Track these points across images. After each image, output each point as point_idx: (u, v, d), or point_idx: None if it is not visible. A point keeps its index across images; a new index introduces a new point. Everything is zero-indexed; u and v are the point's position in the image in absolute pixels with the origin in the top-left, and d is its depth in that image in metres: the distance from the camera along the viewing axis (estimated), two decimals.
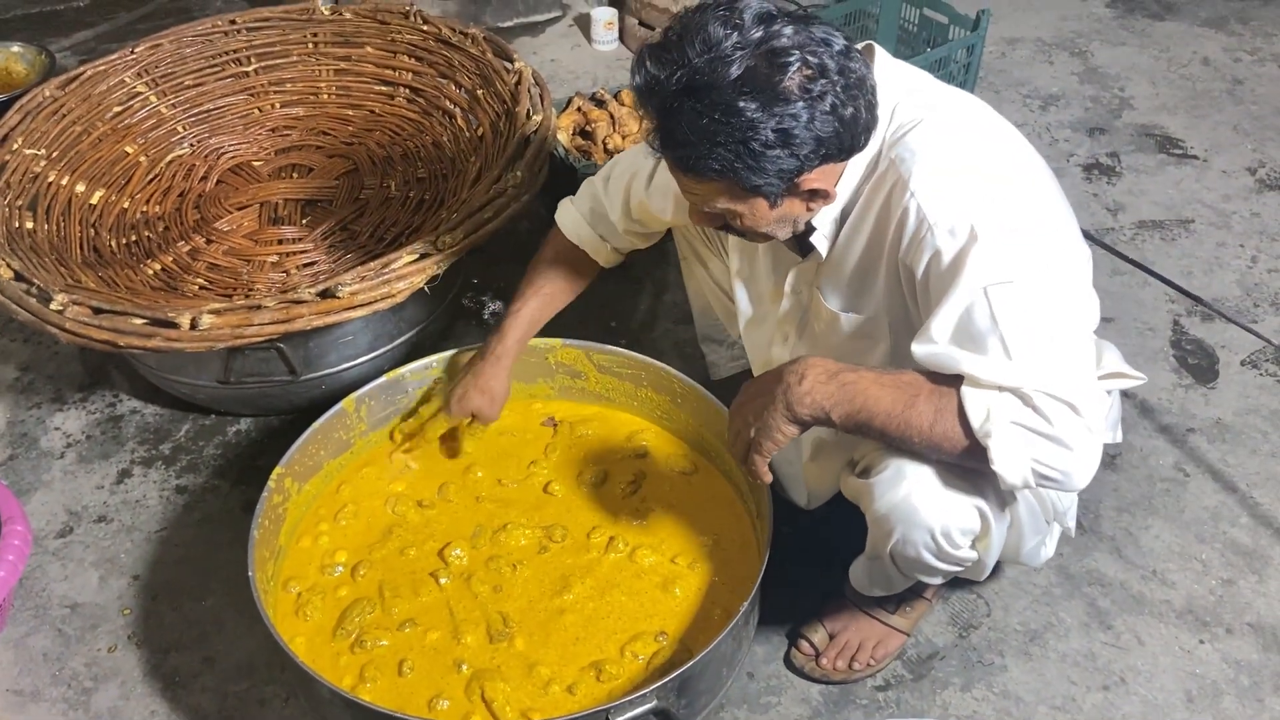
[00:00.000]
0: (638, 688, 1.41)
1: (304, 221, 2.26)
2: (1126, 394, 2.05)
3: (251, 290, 2.08)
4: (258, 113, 2.55)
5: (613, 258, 1.73)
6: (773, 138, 1.16)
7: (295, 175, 2.39)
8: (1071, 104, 2.91)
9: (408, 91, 2.52)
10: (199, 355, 1.82)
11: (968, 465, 1.24)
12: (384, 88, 2.54)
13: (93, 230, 2.23)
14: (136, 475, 2.01)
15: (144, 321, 1.79)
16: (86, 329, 1.78)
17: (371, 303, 1.80)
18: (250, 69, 2.56)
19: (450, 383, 1.77)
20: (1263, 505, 1.88)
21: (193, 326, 1.77)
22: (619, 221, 1.67)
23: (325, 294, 1.79)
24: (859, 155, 1.27)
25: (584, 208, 1.70)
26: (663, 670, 1.50)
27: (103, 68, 2.42)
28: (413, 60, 2.52)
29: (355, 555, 1.69)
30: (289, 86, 2.57)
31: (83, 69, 2.41)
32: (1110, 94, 2.94)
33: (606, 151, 2.41)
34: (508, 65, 2.32)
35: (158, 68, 2.48)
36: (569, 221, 1.70)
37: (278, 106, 2.56)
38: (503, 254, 2.39)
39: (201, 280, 2.12)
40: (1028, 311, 1.19)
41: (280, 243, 2.19)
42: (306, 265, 2.15)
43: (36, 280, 1.86)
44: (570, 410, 1.89)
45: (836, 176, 1.28)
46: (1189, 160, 2.70)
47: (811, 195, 1.27)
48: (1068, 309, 1.24)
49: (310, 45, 2.58)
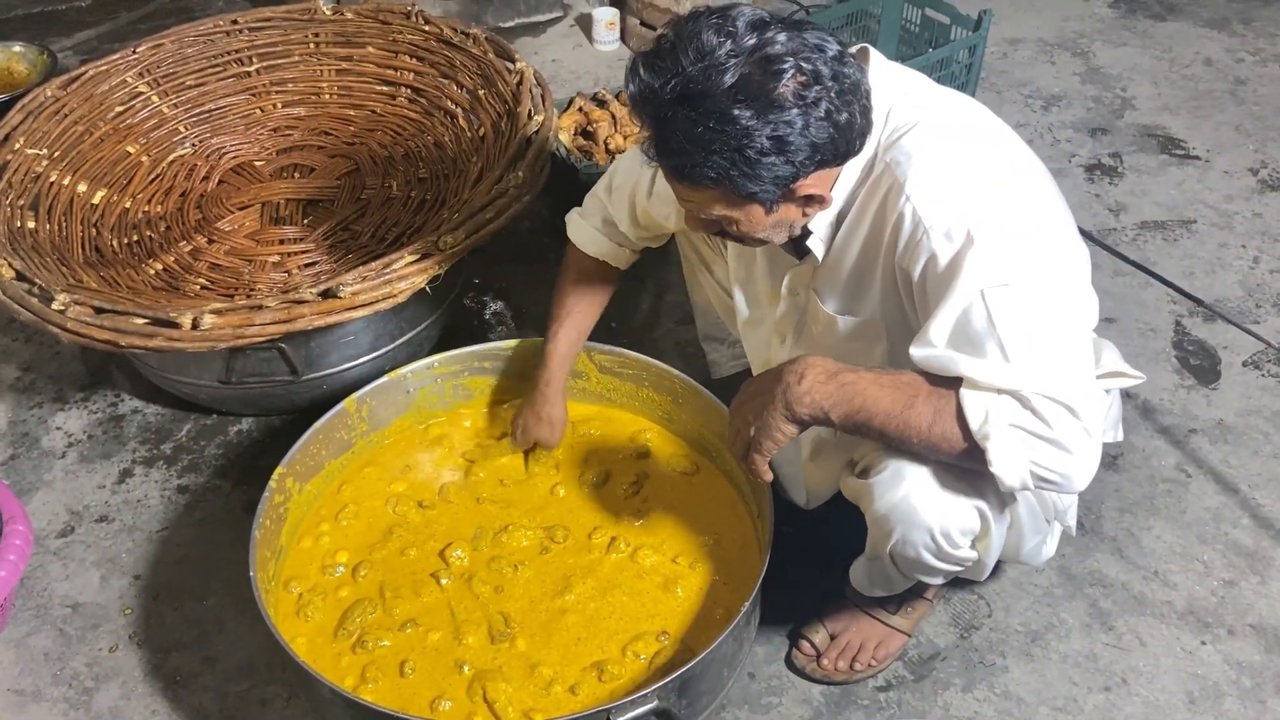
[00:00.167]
0: (639, 688, 1.41)
1: (305, 221, 2.26)
2: (1128, 394, 2.05)
3: (253, 290, 2.08)
4: (259, 113, 2.55)
5: (632, 258, 1.75)
6: (768, 145, 1.16)
7: (297, 175, 2.39)
8: (1073, 104, 2.91)
9: (409, 91, 2.52)
10: (200, 355, 1.83)
11: (966, 466, 1.24)
12: (386, 88, 2.54)
13: (94, 230, 2.22)
14: (138, 475, 2.01)
15: (145, 321, 1.79)
16: (88, 329, 1.78)
17: (373, 303, 1.80)
18: (252, 69, 2.56)
19: (515, 413, 1.82)
20: (1264, 506, 1.88)
21: (194, 326, 1.77)
22: (630, 231, 1.68)
23: (327, 294, 1.79)
24: (854, 159, 1.26)
25: (595, 220, 1.71)
26: (664, 670, 1.50)
27: (104, 68, 2.42)
28: (414, 60, 2.52)
29: (356, 556, 1.69)
30: (291, 86, 2.57)
31: (84, 69, 2.41)
32: (1112, 94, 2.94)
33: (608, 151, 2.41)
34: (509, 65, 2.32)
35: (159, 67, 2.48)
36: (584, 237, 1.71)
37: (279, 106, 2.56)
38: (504, 254, 2.39)
39: (203, 280, 2.12)
40: (1025, 314, 1.19)
41: (282, 243, 2.19)
42: (308, 265, 2.15)
43: (38, 280, 1.86)
44: (572, 410, 1.88)
45: (832, 181, 1.28)
46: (1191, 161, 2.70)
47: (807, 201, 1.27)
48: (1065, 311, 1.23)
49: (312, 45, 2.58)
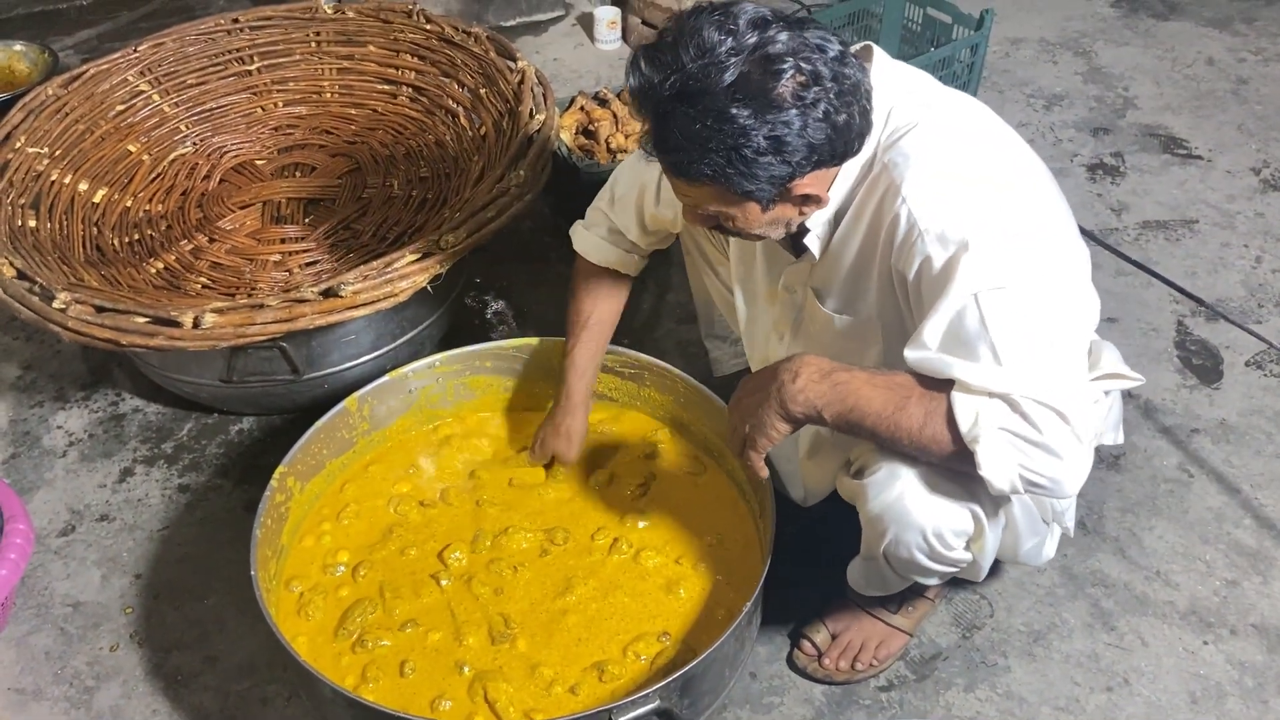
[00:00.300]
0: (640, 688, 1.41)
1: (307, 220, 2.26)
2: (1130, 394, 2.05)
3: (254, 289, 2.08)
4: (260, 111, 2.54)
5: (641, 264, 1.75)
6: (765, 145, 1.16)
7: (298, 174, 2.39)
8: (1075, 104, 2.90)
9: (410, 90, 2.51)
10: (201, 354, 1.82)
11: (957, 469, 1.24)
12: (387, 86, 2.54)
13: (95, 229, 2.22)
14: (139, 474, 2.01)
15: (146, 320, 1.79)
16: (89, 327, 1.78)
17: (374, 302, 1.80)
18: (253, 68, 2.56)
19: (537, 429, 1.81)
20: (1267, 506, 1.88)
21: (195, 325, 1.76)
22: (639, 239, 1.68)
23: (328, 293, 1.79)
24: (853, 159, 1.26)
25: (601, 231, 1.70)
26: (666, 670, 1.49)
27: (105, 66, 2.42)
28: (415, 59, 2.52)
29: (356, 555, 1.68)
30: (292, 85, 2.57)
31: (85, 67, 2.41)
32: (1114, 94, 2.94)
33: (610, 151, 2.41)
34: (510, 64, 2.32)
35: (160, 66, 2.48)
36: (592, 248, 1.71)
37: (280, 105, 2.56)
38: (505, 253, 2.39)
39: (204, 279, 2.12)
40: (1019, 317, 1.18)
41: (283, 242, 2.19)
42: (309, 264, 2.15)
43: (39, 279, 1.85)
44: None
45: (829, 181, 1.28)
46: (1193, 160, 2.70)
47: (804, 200, 1.27)
48: (1060, 314, 1.23)
49: (313, 44, 2.58)
